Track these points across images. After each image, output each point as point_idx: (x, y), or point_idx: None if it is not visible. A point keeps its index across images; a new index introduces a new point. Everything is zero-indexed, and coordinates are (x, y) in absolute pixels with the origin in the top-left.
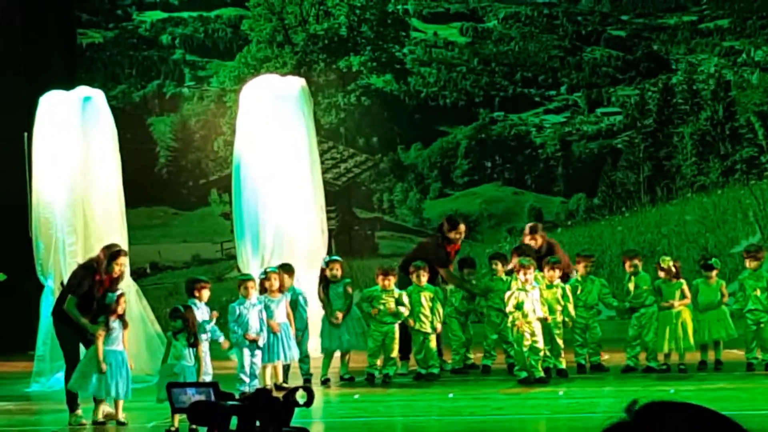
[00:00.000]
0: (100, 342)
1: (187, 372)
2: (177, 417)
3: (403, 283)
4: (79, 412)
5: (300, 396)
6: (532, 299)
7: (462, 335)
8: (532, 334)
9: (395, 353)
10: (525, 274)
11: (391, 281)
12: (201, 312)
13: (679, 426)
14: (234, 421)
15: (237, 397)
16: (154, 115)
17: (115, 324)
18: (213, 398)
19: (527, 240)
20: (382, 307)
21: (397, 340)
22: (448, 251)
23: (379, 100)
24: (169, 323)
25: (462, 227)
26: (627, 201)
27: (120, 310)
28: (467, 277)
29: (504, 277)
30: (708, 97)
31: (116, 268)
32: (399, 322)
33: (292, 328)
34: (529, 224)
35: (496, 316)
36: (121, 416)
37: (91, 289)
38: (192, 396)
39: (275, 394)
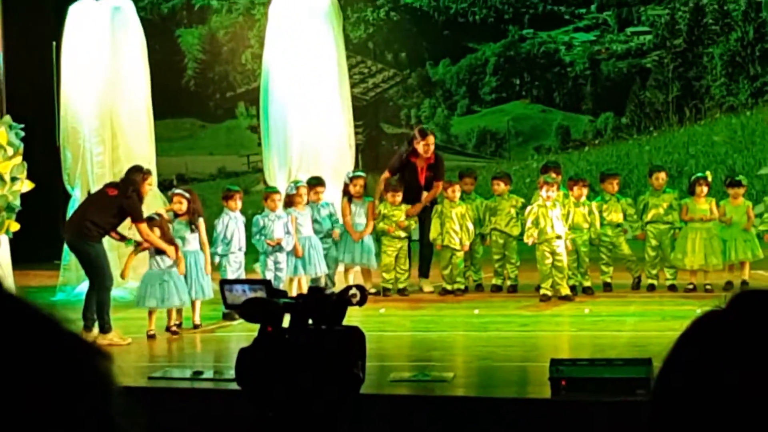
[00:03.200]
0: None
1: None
2: (153, 319)
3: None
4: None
5: (352, 295)
6: (552, 217)
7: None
8: (553, 253)
9: (407, 266)
10: (548, 191)
11: (399, 197)
12: (236, 220)
13: None
14: (287, 318)
15: (289, 295)
16: (182, 27)
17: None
18: (265, 295)
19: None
20: (403, 222)
21: (406, 255)
22: (413, 161)
23: (409, 16)
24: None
25: (430, 138)
26: (655, 121)
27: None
28: (467, 188)
29: (506, 196)
30: (739, 17)
31: (146, 188)
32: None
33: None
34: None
35: (499, 236)
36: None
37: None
38: (244, 293)
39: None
